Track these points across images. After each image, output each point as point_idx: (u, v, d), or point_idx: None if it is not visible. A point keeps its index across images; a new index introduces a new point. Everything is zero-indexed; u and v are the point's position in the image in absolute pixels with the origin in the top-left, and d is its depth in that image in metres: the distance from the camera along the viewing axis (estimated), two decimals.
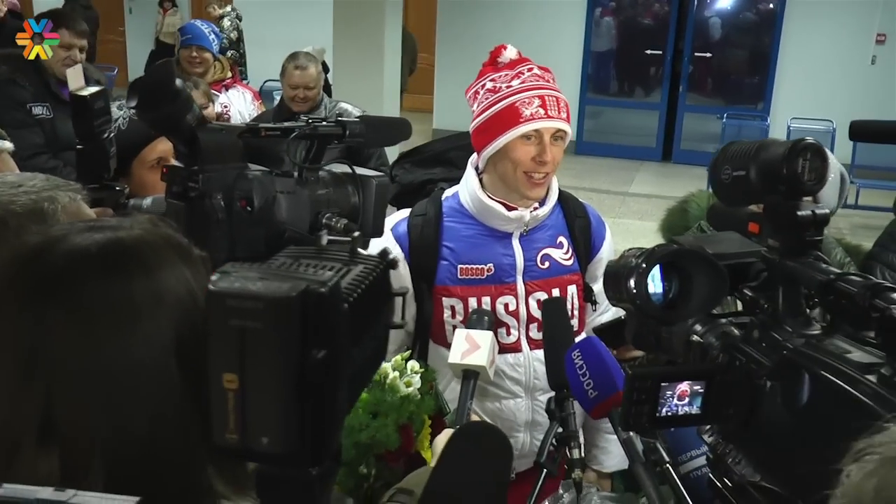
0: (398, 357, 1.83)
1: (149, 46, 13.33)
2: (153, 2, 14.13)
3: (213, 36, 4.92)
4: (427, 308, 2.14)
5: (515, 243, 2.13)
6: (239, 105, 4.82)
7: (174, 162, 1.39)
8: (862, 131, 2.12)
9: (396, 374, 1.77)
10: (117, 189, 1.63)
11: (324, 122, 1.40)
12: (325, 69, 9.62)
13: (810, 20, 11.11)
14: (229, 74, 5.03)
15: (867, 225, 8.26)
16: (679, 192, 3.29)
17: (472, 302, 2.08)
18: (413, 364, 1.81)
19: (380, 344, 0.71)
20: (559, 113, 2.04)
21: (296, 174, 1.36)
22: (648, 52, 12.16)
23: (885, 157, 9.65)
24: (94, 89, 1.56)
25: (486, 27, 11.62)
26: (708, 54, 12.07)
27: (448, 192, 2.21)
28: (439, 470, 1.24)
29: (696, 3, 11.78)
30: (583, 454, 1.73)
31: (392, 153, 4.28)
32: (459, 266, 2.10)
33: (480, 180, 2.13)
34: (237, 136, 1.33)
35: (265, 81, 9.91)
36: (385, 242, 2.11)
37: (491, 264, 2.10)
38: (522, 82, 2.04)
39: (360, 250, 0.68)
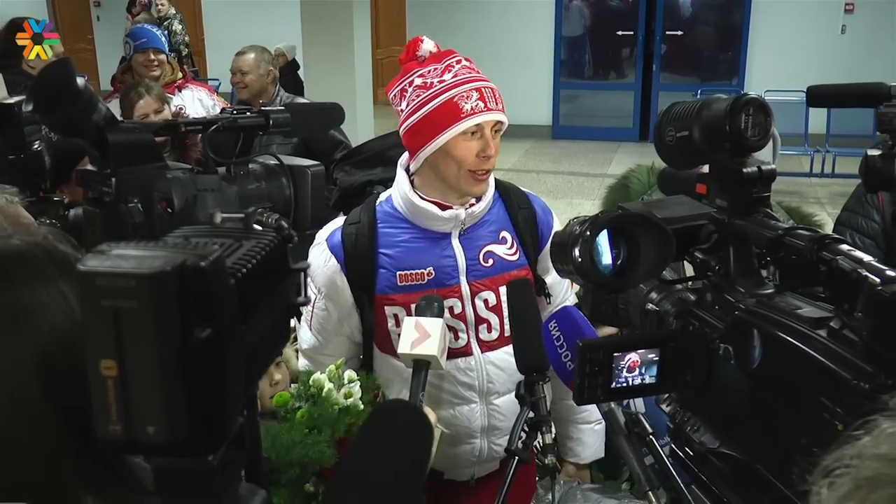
0: (332, 366, 1.76)
1: (119, 53, 13.22)
2: (121, 8, 14.00)
3: (164, 38, 4.89)
4: (370, 318, 2.06)
5: (455, 243, 2.03)
6: (194, 105, 4.73)
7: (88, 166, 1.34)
8: (820, 96, 2.09)
9: (332, 385, 1.70)
10: (56, 200, 1.57)
11: (247, 114, 1.36)
12: (296, 66, 9.62)
13: None
14: (180, 75, 4.95)
15: (845, 193, 8.25)
16: None
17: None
18: (350, 373, 1.75)
19: (278, 322, 0.68)
20: (497, 104, 1.94)
21: (222, 170, 1.32)
22: (620, 33, 12.16)
23: (858, 125, 9.66)
24: (18, 98, 1.48)
25: (456, 16, 11.59)
26: (679, 32, 12.09)
27: (382, 197, 2.11)
28: (353, 450, 1.21)
29: None
30: (554, 438, 1.71)
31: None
32: (398, 273, 2.01)
33: (412, 182, 2.04)
34: (154, 133, 1.29)
35: None
36: (320, 254, 2.05)
37: (431, 268, 2.01)
38: (455, 76, 1.93)
39: (255, 226, 0.65)
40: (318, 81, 8.16)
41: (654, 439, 1.67)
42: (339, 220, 2.10)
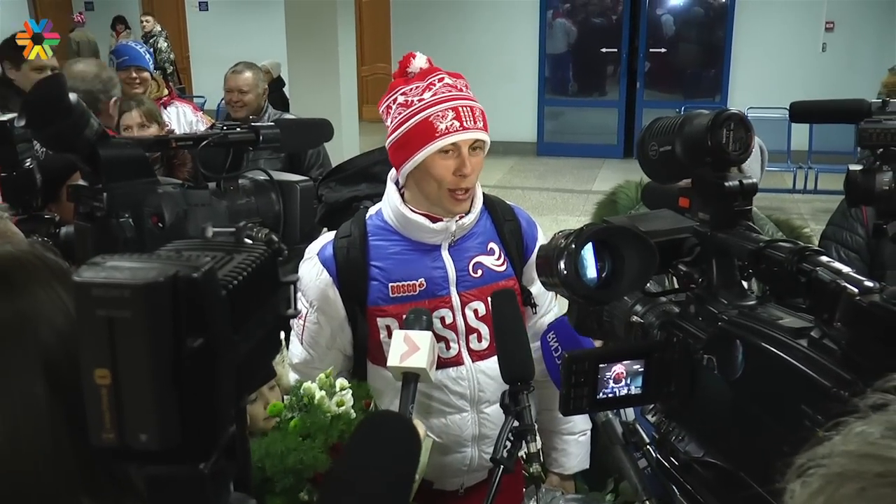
0: (322, 375, 1.77)
1: None
2: (106, 25, 14.03)
3: (147, 56, 4.90)
4: (362, 330, 2.08)
5: (445, 255, 2.06)
6: (179, 121, 4.74)
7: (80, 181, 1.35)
8: (802, 112, 2.15)
9: (323, 393, 1.71)
10: (47, 218, 1.58)
11: (237, 130, 1.38)
12: (281, 83, 9.64)
13: (761, 11, 11.27)
14: (165, 92, 4.97)
15: (827, 209, 8.30)
16: None
17: None
18: (341, 381, 1.76)
19: (269, 333, 0.69)
20: (475, 123, 1.96)
21: (212, 185, 1.33)
22: (604, 50, 12.26)
23: (841, 142, 9.77)
24: (11, 116, 1.49)
25: (440, 34, 11.66)
26: (663, 50, 12.20)
27: (371, 211, 2.14)
28: (341, 458, 1.22)
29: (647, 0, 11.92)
30: (539, 447, 1.71)
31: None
32: (390, 284, 2.03)
33: (402, 195, 2.06)
34: (145, 149, 1.30)
35: (221, 101, 9.86)
36: (312, 268, 2.06)
37: (422, 279, 2.04)
38: (434, 94, 1.95)
39: (246, 240, 0.66)
40: (303, 98, 8.19)
41: (650, 449, 1.67)
42: (329, 235, 2.11)
